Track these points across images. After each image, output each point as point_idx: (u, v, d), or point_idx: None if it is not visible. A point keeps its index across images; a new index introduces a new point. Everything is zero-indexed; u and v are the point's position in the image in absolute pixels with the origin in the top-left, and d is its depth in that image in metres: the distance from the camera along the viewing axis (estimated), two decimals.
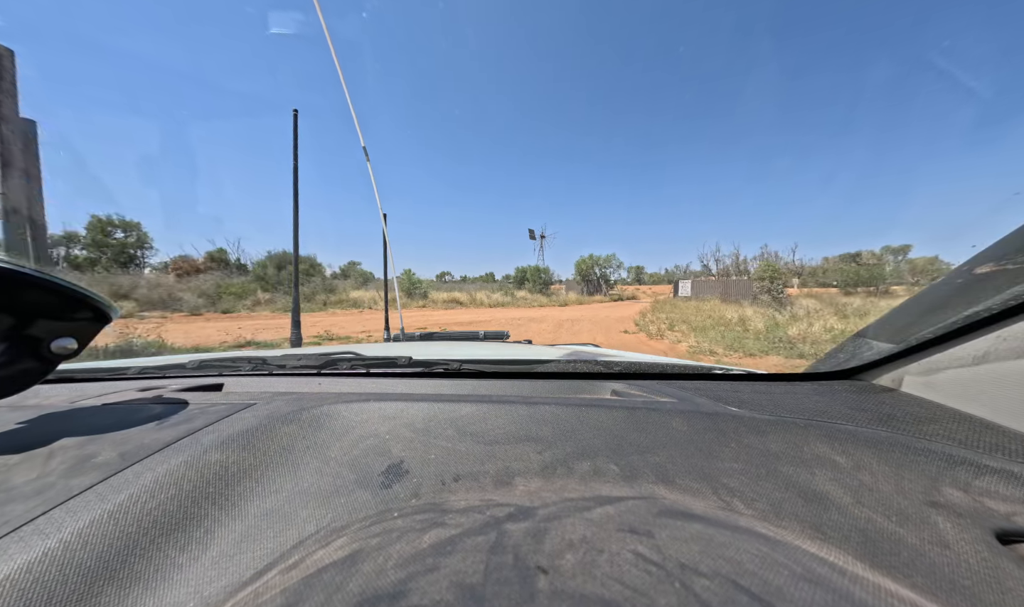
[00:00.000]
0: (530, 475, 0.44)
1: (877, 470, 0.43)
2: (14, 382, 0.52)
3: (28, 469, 0.43)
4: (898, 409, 0.58)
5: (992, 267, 0.53)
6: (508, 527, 0.29)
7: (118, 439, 0.50)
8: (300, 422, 0.56)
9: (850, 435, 0.49)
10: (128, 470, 0.43)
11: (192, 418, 0.58)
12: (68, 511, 0.36)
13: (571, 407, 0.58)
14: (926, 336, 0.58)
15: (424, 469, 0.45)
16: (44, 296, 0.49)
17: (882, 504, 0.38)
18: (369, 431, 0.54)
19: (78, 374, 0.96)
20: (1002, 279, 0.50)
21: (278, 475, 0.46)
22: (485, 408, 0.59)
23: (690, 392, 0.73)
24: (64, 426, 0.54)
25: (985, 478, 0.40)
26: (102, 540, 0.34)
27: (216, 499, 0.41)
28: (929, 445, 0.45)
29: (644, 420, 0.54)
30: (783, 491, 0.40)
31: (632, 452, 0.47)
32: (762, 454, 0.46)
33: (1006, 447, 0.45)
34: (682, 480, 0.42)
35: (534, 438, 0.51)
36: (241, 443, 0.49)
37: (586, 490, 0.40)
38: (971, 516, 0.36)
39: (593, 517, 0.31)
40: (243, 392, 0.79)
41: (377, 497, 0.41)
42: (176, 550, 0.35)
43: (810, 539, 0.33)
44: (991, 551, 0.33)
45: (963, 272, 0.57)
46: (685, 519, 0.31)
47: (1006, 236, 0.56)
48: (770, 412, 0.60)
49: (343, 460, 0.48)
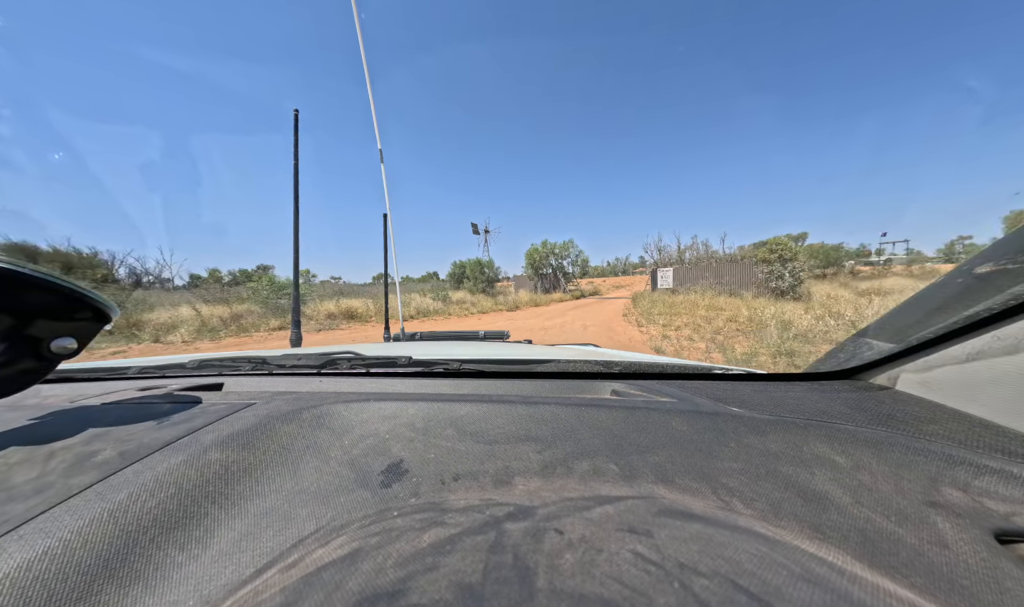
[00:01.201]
0: (530, 475, 0.44)
1: (876, 470, 0.43)
2: (14, 382, 0.52)
3: (28, 468, 0.43)
4: (898, 409, 0.58)
5: (992, 267, 0.53)
6: (508, 527, 0.29)
7: (118, 438, 0.50)
8: (300, 422, 0.56)
9: (850, 435, 0.49)
10: (128, 469, 0.43)
11: (192, 417, 0.58)
12: (68, 510, 0.36)
13: (571, 407, 0.58)
14: (926, 336, 0.58)
15: (424, 468, 0.45)
16: (44, 296, 0.49)
17: (881, 504, 0.38)
18: (369, 430, 0.54)
19: (78, 374, 0.96)
20: (1002, 279, 0.50)
21: (278, 474, 0.46)
22: (485, 408, 0.59)
23: (690, 392, 0.73)
24: (64, 426, 0.54)
25: (984, 478, 0.40)
26: (102, 539, 0.34)
27: (216, 498, 0.41)
28: (928, 445, 0.45)
29: (644, 420, 0.54)
30: (782, 491, 0.40)
31: (632, 452, 0.47)
32: (762, 454, 0.46)
33: (1005, 447, 0.45)
34: (681, 480, 0.42)
35: (534, 438, 0.51)
36: (241, 442, 0.49)
37: (586, 490, 0.40)
38: (970, 516, 0.36)
39: (592, 517, 0.31)
40: (243, 392, 0.79)
41: (377, 496, 0.41)
42: (176, 549, 0.35)
43: (809, 539, 0.33)
44: (990, 551, 0.33)
45: (963, 272, 0.57)
46: (684, 519, 0.31)
47: (1006, 236, 0.56)
48: (770, 412, 0.60)
49: (343, 459, 0.48)
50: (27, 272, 0.46)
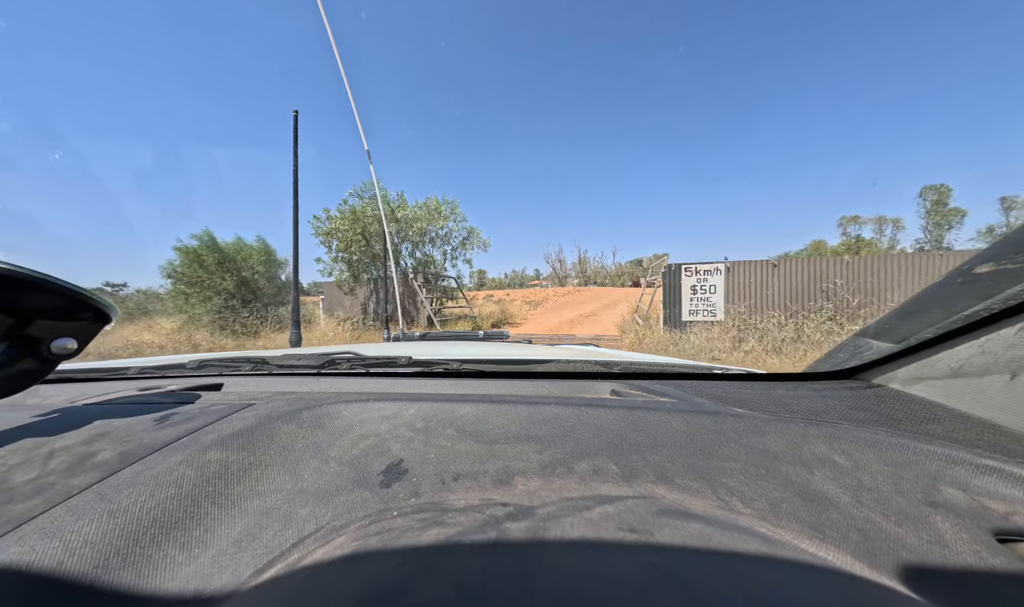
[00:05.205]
0: (530, 475, 0.44)
1: (876, 470, 0.43)
2: (14, 382, 0.52)
3: (28, 469, 0.43)
4: (898, 409, 0.58)
5: (992, 267, 0.53)
6: (508, 526, 0.30)
7: (118, 438, 0.50)
8: (300, 422, 0.56)
9: (850, 435, 0.49)
10: (128, 469, 0.43)
11: (192, 418, 0.58)
12: (69, 510, 0.36)
13: (571, 407, 0.58)
14: (926, 336, 0.58)
15: (424, 468, 0.45)
16: (44, 297, 0.49)
17: (881, 504, 0.38)
18: (369, 430, 0.54)
19: (78, 374, 0.96)
20: (1002, 279, 0.50)
21: (278, 474, 0.46)
22: (485, 408, 0.59)
23: (690, 392, 0.73)
24: (64, 426, 0.54)
25: (984, 478, 0.40)
26: (102, 539, 0.34)
27: (216, 498, 0.41)
28: (928, 445, 0.45)
29: (644, 420, 0.54)
30: (782, 491, 0.40)
31: (632, 452, 0.47)
32: (762, 454, 0.46)
33: (1005, 447, 0.45)
34: (681, 480, 0.42)
35: (534, 438, 0.51)
36: (241, 442, 0.49)
37: (586, 490, 0.40)
38: (970, 516, 0.36)
39: (593, 517, 0.31)
40: (243, 392, 0.79)
41: (377, 496, 0.41)
42: (176, 549, 0.35)
43: (809, 539, 0.33)
44: (990, 550, 0.33)
45: (963, 272, 0.57)
46: (684, 519, 0.31)
47: (1006, 236, 0.56)
48: (770, 412, 0.60)
49: (343, 459, 0.48)
50: (27, 273, 0.46)
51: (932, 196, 45.75)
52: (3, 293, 0.46)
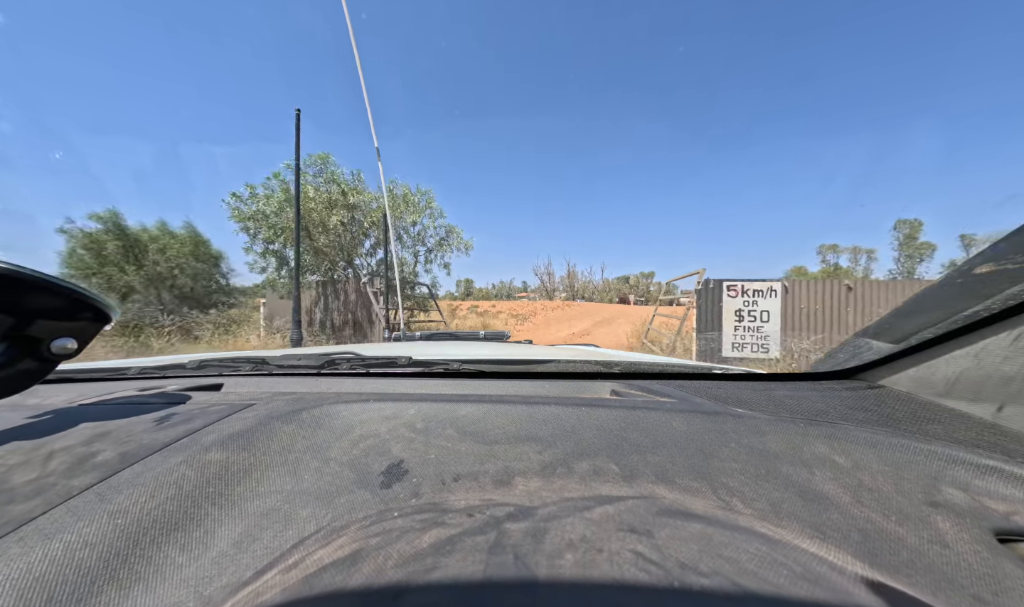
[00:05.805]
0: (530, 475, 0.44)
1: (877, 470, 0.43)
2: (14, 382, 0.52)
3: (28, 469, 0.43)
4: (898, 409, 0.58)
5: (992, 267, 0.53)
6: (508, 527, 0.30)
7: (118, 439, 0.50)
8: (300, 422, 0.56)
9: (850, 435, 0.49)
10: (128, 470, 0.43)
11: (192, 418, 0.58)
12: (69, 511, 0.36)
13: (571, 407, 0.58)
14: (926, 336, 0.58)
15: (424, 469, 0.45)
16: (44, 297, 0.49)
17: (882, 504, 0.38)
18: (369, 431, 0.54)
19: (78, 374, 0.96)
20: (1002, 280, 0.50)
21: (278, 475, 0.46)
22: (485, 408, 0.59)
23: (690, 392, 0.73)
24: (64, 426, 0.54)
25: (985, 478, 0.40)
26: (102, 540, 0.34)
27: (216, 499, 0.41)
28: (929, 445, 0.45)
29: (644, 420, 0.54)
30: (783, 491, 0.40)
31: (632, 452, 0.47)
32: (762, 454, 0.46)
33: (1006, 447, 0.45)
34: (682, 480, 0.42)
35: (534, 438, 0.51)
36: (241, 443, 0.49)
37: (586, 490, 0.40)
38: (971, 516, 0.36)
39: (593, 517, 0.31)
40: (243, 392, 0.79)
41: (377, 497, 0.41)
42: (176, 550, 0.35)
43: (810, 539, 0.33)
44: (990, 550, 0.33)
45: (963, 272, 0.57)
46: (685, 519, 0.31)
47: (1006, 236, 0.56)
48: (770, 412, 0.60)
49: (343, 460, 0.48)
50: (28, 273, 0.46)
51: (905, 229, 47.46)
52: (4, 293, 0.46)
